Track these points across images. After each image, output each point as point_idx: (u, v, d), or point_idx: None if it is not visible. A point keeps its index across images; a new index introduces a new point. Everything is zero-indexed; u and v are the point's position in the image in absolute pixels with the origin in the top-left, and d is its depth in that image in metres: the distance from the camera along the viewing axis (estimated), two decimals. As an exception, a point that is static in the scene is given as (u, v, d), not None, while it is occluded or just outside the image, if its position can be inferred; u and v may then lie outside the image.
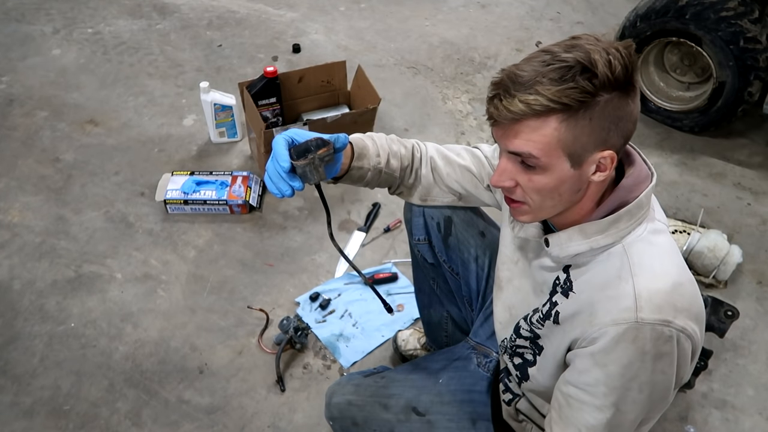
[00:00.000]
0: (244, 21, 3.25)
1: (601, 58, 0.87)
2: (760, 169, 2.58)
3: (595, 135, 0.91)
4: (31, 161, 2.47)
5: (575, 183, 0.96)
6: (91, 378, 1.82)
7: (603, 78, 0.87)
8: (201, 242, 2.20)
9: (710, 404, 1.82)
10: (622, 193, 0.98)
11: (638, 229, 0.99)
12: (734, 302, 1.97)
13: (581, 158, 0.93)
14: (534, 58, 0.91)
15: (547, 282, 1.09)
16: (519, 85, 0.89)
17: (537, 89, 0.88)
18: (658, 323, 0.92)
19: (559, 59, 0.88)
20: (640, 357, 0.94)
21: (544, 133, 0.90)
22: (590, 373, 0.98)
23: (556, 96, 0.87)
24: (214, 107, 2.45)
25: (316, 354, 1.90)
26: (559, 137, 0.90)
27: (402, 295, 2.06)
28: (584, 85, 0.87)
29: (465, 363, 1.41)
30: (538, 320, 1.09)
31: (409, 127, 2.69)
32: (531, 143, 0.91)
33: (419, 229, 1.43)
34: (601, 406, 0.98)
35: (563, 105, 0.88)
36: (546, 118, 0.89)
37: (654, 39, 2.58)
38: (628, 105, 0.92)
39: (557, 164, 0.93)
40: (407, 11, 3.41)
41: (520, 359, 1.17)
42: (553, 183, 0.95)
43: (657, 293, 0.94)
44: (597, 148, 0.93)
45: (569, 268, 1.04)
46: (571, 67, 0.88)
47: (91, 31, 3.13)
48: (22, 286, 2.04)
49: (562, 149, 0.92)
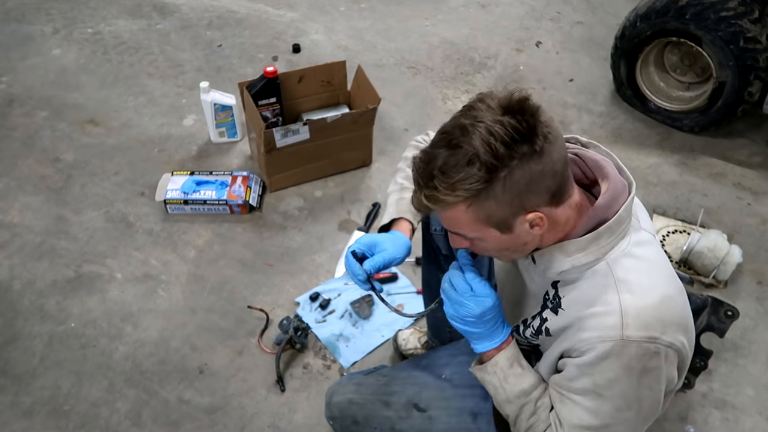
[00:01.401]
0: (244, 21, 3.25)
1: (482, 144, 0.87)
2: (760, 169, 2.58)
3: (507, 207, 0.93)
4: (31, 161, 2.47)
5: (517, 241, 0.99)
6: (91, 378, 1.82)
7: (488, 165, 0.88)
8: (201, 242, 2.20)
9: (710, 404, 1.82)
10: (599, 212, 0.98)
11: (621, 244, 0.99)
12: (734, 302, 1.97)
13: (508, 225, 0.95)
14: (436, 143, 0.93)
15: (538, 295, 1.10)
16: (423, 178, 0.93)
17: (436, 184, 0.91)
18: (644, 340, 0.94)
19: (452, 145, 0.90)
20: (626, 372, 0.96)
21: (458, 217, 0.95)
22: (579, 380, 1.00)
23: (451, 190, 0.90)
24: (214, 107, 2.45)
25: (316, 354, 1.90)
26: (474, 217, 0.94)
27: (402, 295, 2.06)
28: (474, 175, 0.88)
29: (469, 358, 1.40)
30: (532, 335, 1.12)
31: (409, 127, 2.69)
32: (454, 227, 0.99)
33: (436, 220, 1.44)
34: (590, 409, 1.01)
35: (460, 197, 0.91)
36: (452, 207, 0.94)
37: (654, 39, 2.58)
38: (531, 169, 0.90)
39: (487, 234, 0.97)
40: (407, 11, 3.41)
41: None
42: (495, 246, 1.00)
43: (644, 309, 0.95)
44: (517, 215, 0.94)
45: (557, 284, 1.05)
46: (462, 155, 0.89)
47: (91, 31, 3.13)
48: (22, 286, 2.04)
49: (483, 224, 0.95)
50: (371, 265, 1.20)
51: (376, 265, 1.20)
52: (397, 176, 1.40)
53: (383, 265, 1.21)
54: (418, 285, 1.99)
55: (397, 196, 1.35)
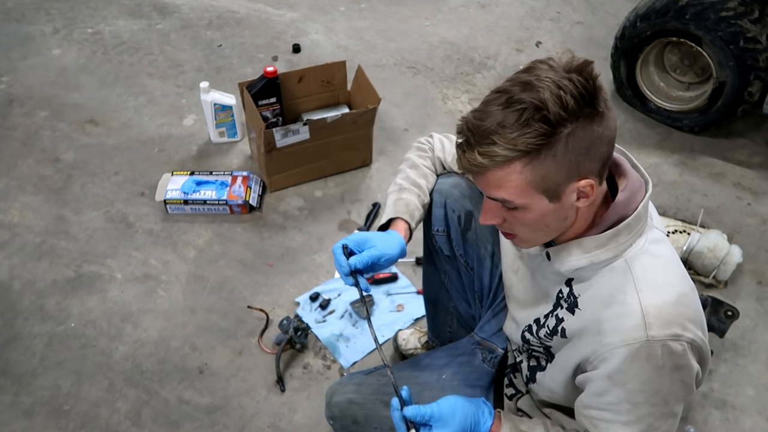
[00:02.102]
0: (244, 21, 3.25)
1: (551, 96, 0.86)
2: (760, 169, 2.58)
3: (564, 169, 0.91)
4: (31, 161, 2.47)
5: (560, 213, 0.96)
6: (91, 378, 1.82)
7: (556, 117, 0.86)
8: (201, 242, 2.20)
9: (710, 404, 1.82)
10: (619, 208, 0.98)
11: (639, 242, 0.99)
12: (734, 302, 1.97)
13: (558, 192, 0.93)
14: (491, 101, 0.91)
15: (550, 294, 1.09)
16: (477, 135, 0.90)
17: (494, 139, 0.88)
18: (669, 338, 0.93)
19: (512, 101, 0.88)
20: (658, 372, 0.94)
21: (511, 179, 0.91)
22: (610, 393, 0.98)
23: (512, 145, 0.87)
24: (214, 107, 2.45)
25: (316, 354, 1.90)
26: (527, 180, 0.91)
27: (402, 295, 2.06)
28: (538, 128, 0.86)
29: (470, 358, 1.41)
30: (546, 335, 1.10)
31: (409, 127, 2.69)
32: (502, 190, 0.93)
33: (439, 221, 1.43)
34: (627, 421, 0.99)
35: (521, 152, 0.88)
36: (508, 165, 0.90)
37: (654, 39, 2.58)
38: (593, 131, 0.90)
39: (535, 202, 0.94)
40: (407, 11, 3.41)
41: (535, 362, 1.18)
42: (537, 218, 0.96)
43: (664, 307, 0.94)
44: (571, 179, 0.92)
45: (572, 282, 1.04)
46: (523, 110, 0.87)
47: (91, 31, 3.14)
48: (22, 286, 2.04)
49: (534, 189, 0.92)
50: (357, 260, 1.18)
51: (363, 261, 1.18)
52: (397, 177, 1.40)
53: (370, 261, 1.18)
54: (418, 285, 1.99)
55: (396, 196, 1.34)
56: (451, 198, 1.38)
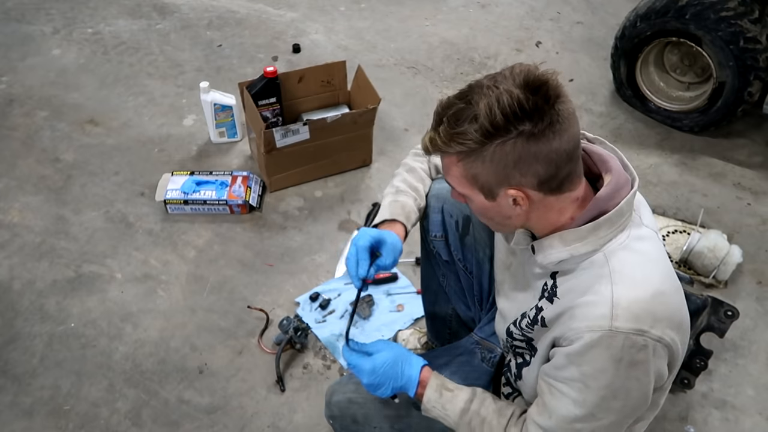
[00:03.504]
0: (244, 21, 3.25)
1: (485, 107, 0.90)
2: (760, 169, 2.58)
3: (493, 175, 0.95)
4: (31, 161, 2.47)
5: (499, 211, 1.01)
6: (91, 378, 1.82)
7: (483, 129, 0.91)
8: (201, 242, 2.20)
9: (710, 404, 1.82)
10: (600, 203, 0.99)
11: (620, 237, 1.00)
12: (734, 302, 1.96)
13: (491, 193, 0.98)
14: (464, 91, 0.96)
15: (537, 288, 1.10)
16: (435, 121, 0.97)
17: (439, 131, 0.95)
18: (632, 332, 0.94)
19: (468, 101, 0.93)
20: (614, 364, 0.96)
21: (450, 169, 1.00)
22: (567, 369, 1.00)
23: (447, 139, 0.94)
24: (214, 107, 2.45)
25: (316, 354, 1.90)
26: (462, 173, 0.98)
27: (402, 295, 2.06)
28: (470, 134, 0.92)
29: (469, 358, 1.41)
30: (527, 325, 1.11)
31: (409, 127, 2.69)
32: (448, 176, 1.02)
33: (436, 226, 1.43)
34: (576, 399, 1.00)
35: (452, 149, 0.95)
36: (449, 156, 0.98)
37: (654, 39, 2.58)
38: (525, 148, 0.91)
39: (472, 195, 1.01)
40: (407, 11, 3.41)
41: (521, 358, 1.18)
42: (479, 209, 1.04)
43: (636, 302, 0.95)
44: (501, 186, 0.96)
45: (556, 275, 1.05)
46: (467, 114, 0.92)
47: (91, 31, 3.14)
48: (22, 286, 2.04)
49: (470, 183, 0.99)
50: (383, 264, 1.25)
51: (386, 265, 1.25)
52: (394, 180, 1.41)
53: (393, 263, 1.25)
54: (418, 285, 1.99)
55: (392, 198, 1.36)
56: (448, 203, 1.39)
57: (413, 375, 1.18)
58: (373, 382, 1.17)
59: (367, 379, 1.17)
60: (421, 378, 1.18)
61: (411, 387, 1.18)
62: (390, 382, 1.17)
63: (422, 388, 1.17)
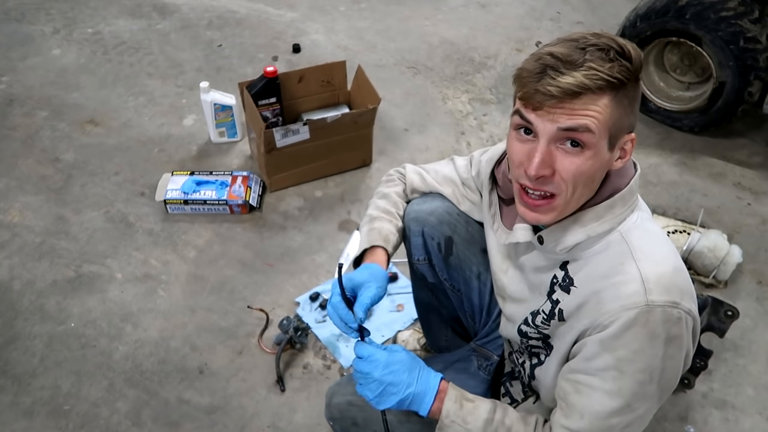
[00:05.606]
0: (244, 21, 3.25)
1: (628, 44, 0.91)
2: (760, 169, 2.58)
3: (628, 116, 0.94)
4: (31, 161, 2.47)
5: (604, 169, 0.97)
6: (91, 378, 1.82)
7: (636, 62, 0.91)
8: (201, 242, 2.20)
9: (710, 404, 1.82)
10: (615, 179, 1.00)
11: (632, 216, 1.01)
12: (734, 302, 1.97)
13: (615, 140, 0.95)
14: (564, 42, 0.92)
15: (544, 283, 1.09)
16: (569, 63, 0.89)
17: (591, 66, 0.88)
18: (668, 305, 0.93)
19: (592, 44, 0.90)
20: (651, 341, 0.94)
21: (599, 109, 0.90)
22: (600, 357, 0.97)
23: (610, 71, 0.88)
24: (214, 107, 2.45)
25: (316, 354, 1.90)
26: (609, 114, 0.91)
27: (402, 295, 2.06)
28: (623, 65, 0.89)
29: (465, 365, 1.40)
30: (543, 321, 1.09)
31: (409, 127, 2.69)
32: (589, 118, 0.90)
33: (418, 249, 1.40)
34: (610, 391, 0.97)
35: (617, 81, 0.89)
36: (600, 94, 0.89)
37: (654, 39, 2.58)
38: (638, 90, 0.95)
39: (600, 144, 0.92)
40: (407, 11, 3.41)
41: (536, 359, 1.16)
42: (594, 165, 0.94)
43: (663, 276, 0.95)
44: (627, 130, 0.96)
45: (567, 265, 1.04)
46: (609, 49, 0.89)
47: (91, 31, 3.14)
48: (22, 286, 2.04)
49: (608, 128, 0.92)
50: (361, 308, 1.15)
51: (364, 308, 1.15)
52: (368, 209, 1.38)
53: (371, 304, 1.16)
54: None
55: (367, 227, 1.33)
56: (428, 225, 1.37)
57: (432, 383, 1.11)
58: (386, 378, 1.08)
59: (380, 372, 1.08)
60: (441, 388, 1.11)
61: (428, 395, 1.10)
62: (403, 385, 1.09)
63: (440, 402, 1.10)
